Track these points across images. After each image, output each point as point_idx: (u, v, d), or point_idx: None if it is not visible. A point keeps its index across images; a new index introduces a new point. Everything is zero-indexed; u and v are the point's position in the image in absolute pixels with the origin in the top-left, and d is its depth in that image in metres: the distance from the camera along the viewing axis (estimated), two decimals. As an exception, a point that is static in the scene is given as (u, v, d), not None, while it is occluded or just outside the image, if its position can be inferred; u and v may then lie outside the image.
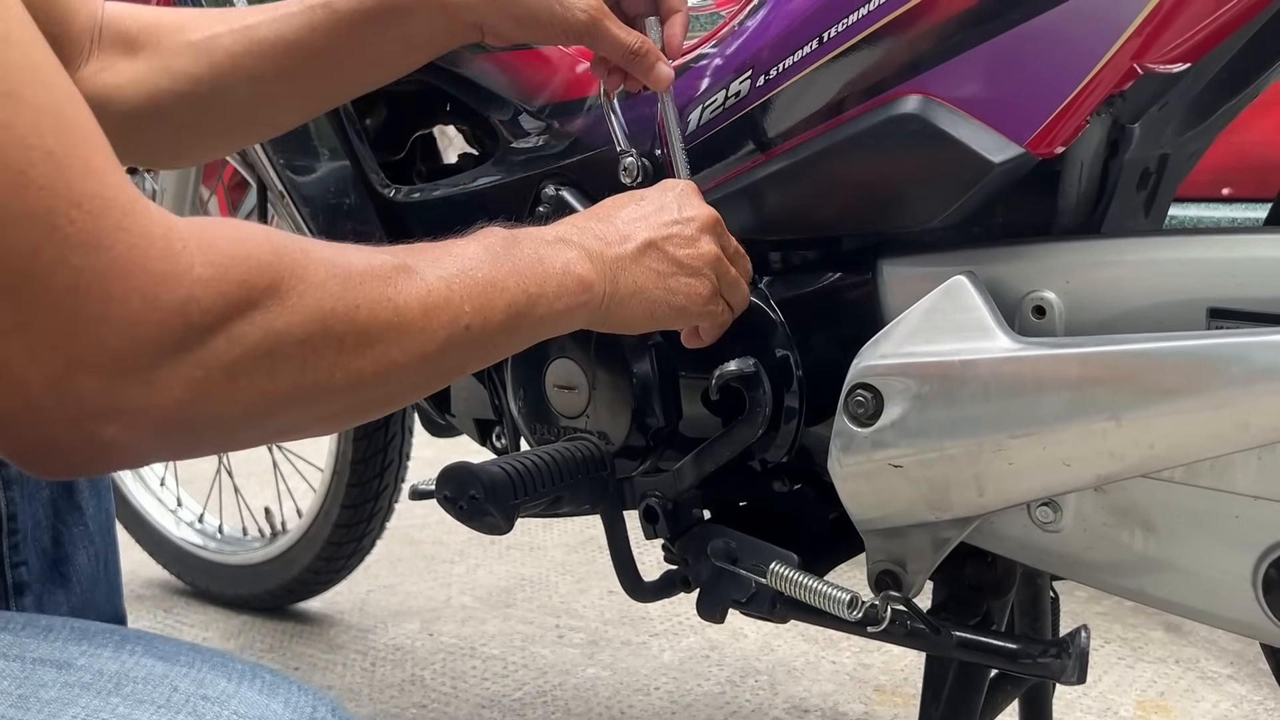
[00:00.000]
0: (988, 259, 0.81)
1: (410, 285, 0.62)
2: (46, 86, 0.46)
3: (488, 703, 1.50)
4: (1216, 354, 0.68)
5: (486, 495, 0.85)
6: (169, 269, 0.48)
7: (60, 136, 0.45)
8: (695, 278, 0.84)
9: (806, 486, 1.00)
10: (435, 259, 0.67)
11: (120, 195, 0.47)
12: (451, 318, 0.65)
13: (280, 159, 1.25)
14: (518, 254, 0.72)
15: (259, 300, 0.53)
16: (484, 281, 0.68)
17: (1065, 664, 0.82)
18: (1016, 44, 0.76)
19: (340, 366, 0.58)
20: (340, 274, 0.58)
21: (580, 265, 0.76)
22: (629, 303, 0.81)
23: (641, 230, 0.82)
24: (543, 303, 0.73)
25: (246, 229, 0.54)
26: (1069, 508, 0.80)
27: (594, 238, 0.79)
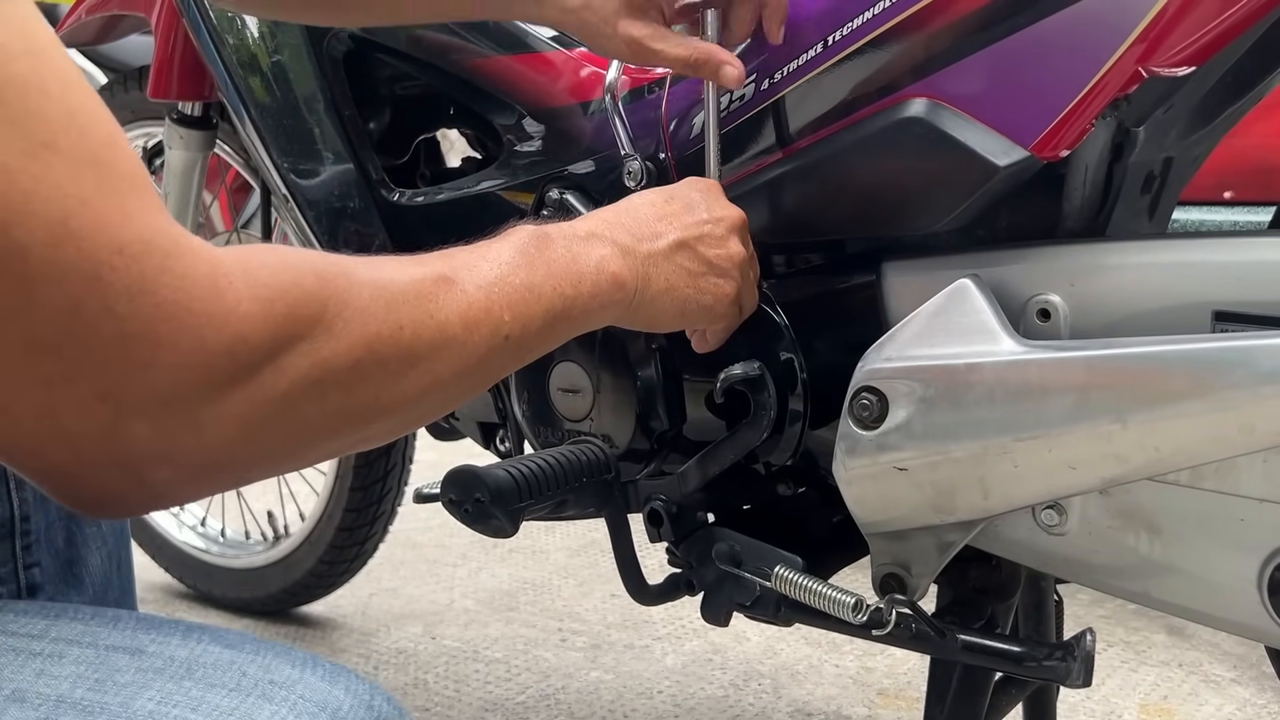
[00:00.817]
0: (992, 262, 0.81)
1: (451, 299, 0.62)
2: (83, 134, 0.45)
3: (490, 706, 1.50)
4: (1221, 357, 0.68)
5: (491, 498, 0.85)
6: (215, 308, 0.48)
7: (99, 184, 0.45)
8: (724, 278, 0.84)
9: (811, 490, 1.00)
10: (472, 266, 0.66)
11: (162, 237, 0.47)
12: (492, 329, 0.65)
13: (284, 163, 1.25)
14: (551, 254, 0.72)
15: (305, 331, 0.52)
16: (521, 287, 0.68)
17: (1070, 667, 0.82)
18: (1021, 48, 0.76)
19: (386, 388, 0.58)
20: (384, 295, 0.57)
21: (614, 262, 0.76)
22: (660, 300, 0.81)
23: (673, 229, 0.82)
24: (578, 303, 0.73)
25: (290, 256, 0.54)
26: (1074, 511, 0.80)
27: (626, 233, 0.79)
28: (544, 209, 1.04)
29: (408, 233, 1.22)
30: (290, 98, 1.24)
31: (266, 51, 1.25)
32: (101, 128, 0.46)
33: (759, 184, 0.91)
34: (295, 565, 1.71)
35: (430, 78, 1.21)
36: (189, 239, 0.48)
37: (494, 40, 1.11)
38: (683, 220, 0.82)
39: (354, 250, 1.24)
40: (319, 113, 1.24)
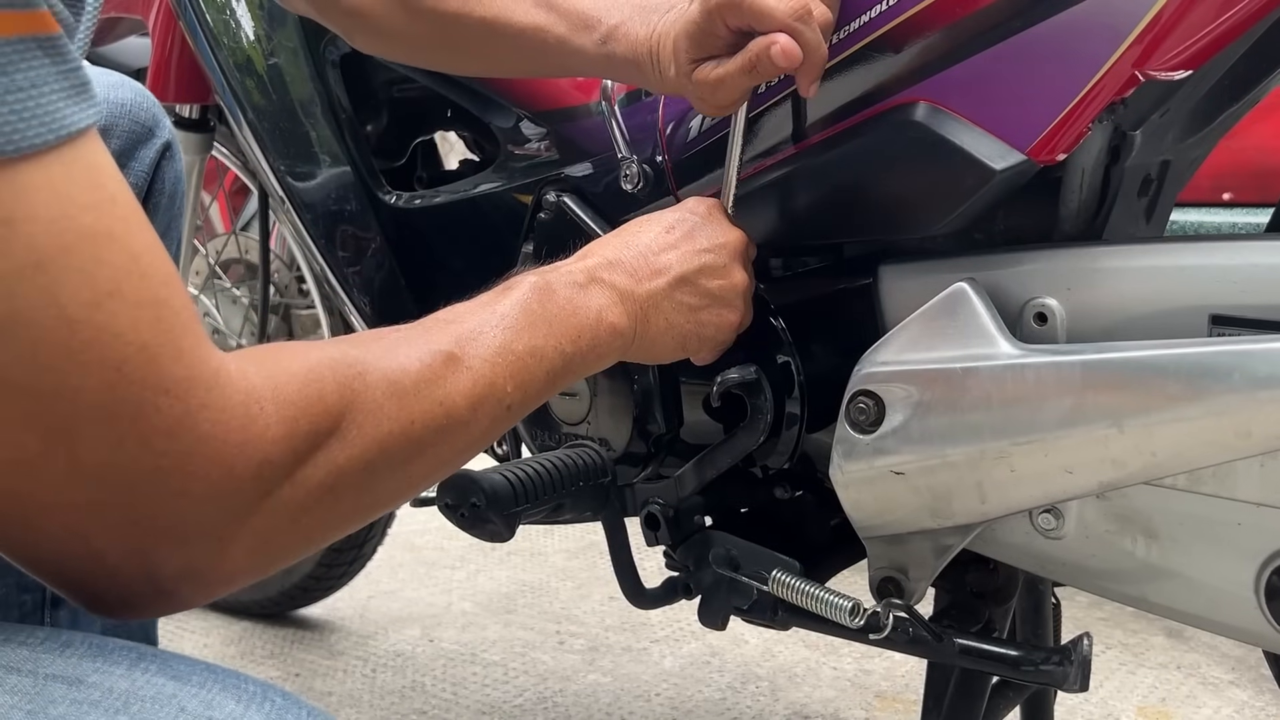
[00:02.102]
0: (989, 266, 0.81)
1: (458, 380, 0.63)
2: (145, 278, 0.46)
3: (488, 709, 1.50)
4: (1218, 361, 0.68)
5: (488, 502, 0.85)
6: (246, 437, 0.49)
7: (156, 327, 0.46)
8: (727, 308, 0.84)
9: (808, 493, 1.00)
10: (478, 335, 0.67)
11: (204, 371, 0.48)
12: (495, 402, 0.66)
13: (281, 165, 1.25)
14: (553, 307, 0.73)
15: (323, 443, 0.54)
16: (524, 353, 0.69)
17: (1068, 671, 0.82)
18: (1018, 51, 0.76)
19: (395, 479, 0.60)
20: (395, 391, 0.59)
21: (613, 311, 0.77)
22: (660, 339, 0.81)
23: (673, 263, 0.81)
24: (577, 358, 0.74)
25: (314, 366, 0.55)
26: (1071, 515, 0.80)
27: (625, 275, 0.79)
28: (541, 212, 1.04)
29: (405, 235, 1.22)
30: (287, 100, 1.24)
31: (263, 54, 1.24)
32: (162, 268, 0.47)
33: (757, 187, 0.91)
34: (294, 569, 1.71)
35: (427, 80, 1.21)
36: (227, 368, 0.50)
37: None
38: (684, 250, 0.82)
39: (352, 253, 1.24)
40: (316, 115, 1.24)
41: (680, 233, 0.83)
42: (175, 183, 1.00)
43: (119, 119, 0.93)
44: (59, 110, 0.44)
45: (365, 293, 1.24)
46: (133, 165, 0.94)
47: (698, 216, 0.85)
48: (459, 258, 1.23)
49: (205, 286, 1.69)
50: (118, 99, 0.94)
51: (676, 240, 0.83)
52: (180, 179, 1.01)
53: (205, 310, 1.68)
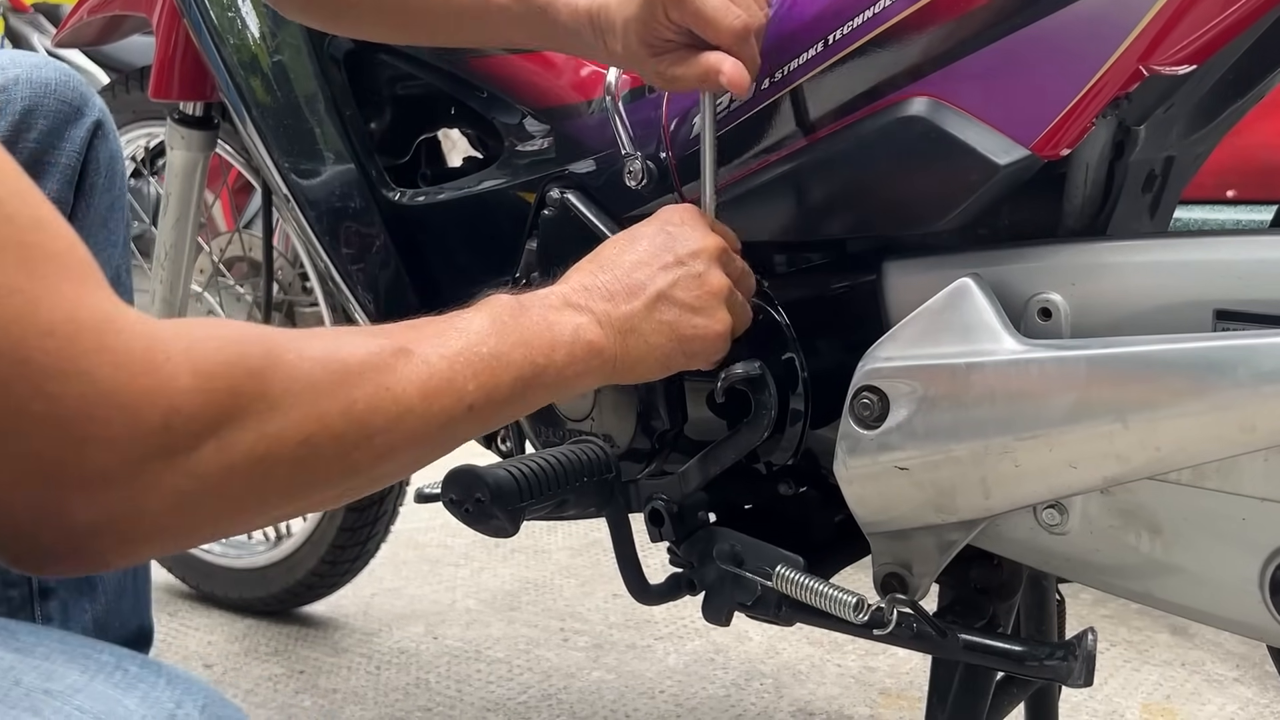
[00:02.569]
0: (993, 261, 0.81)
1: (410, 370, 0.62)
2: (10, 221, 0.45)
3: (492, 706, 1.50)
4: (1223, 356, 0.68)
5: (492, 498, 0.85)
6: (151, 384, 0.48)
7: (27, 269, 0.45)
8: (708, 318, 0.82)
9: (812, 489, 1.00)
10: (438, 335, 0.67)
11: (95, 315, 0.47)
12: (454, 399, 0.65)
13: (285, 163, 1.25)
14: (525, 322, 0.72)
15: (249, 405, 0.52)
16: (489, 356, 0.68)
17: (1072, 666, 0.82)
18: (1022, 46, 0.76)
19: (337, 460, 0.58)
20: (336, 369, 0.58)
21: (590, 331, 0.76)
22: (643, 360, 0.80)
23: (648, 280, 0.80)
24: (551, 371, 0.73)
25: (238, 331, 0.54)
26: (1075, 510, 0.80)
27: (602, 298, 0.79)
28: (545, 208, 1.04)
29: (409, 232, 1.22)
30: (291, 98, 1.24)
31: (267, 52, 1.25)
32: (28, 211, 0.47)
33: (760, 183, 0.91)
34: (297, 565, 1.71)
35: (431, 77, 1.21)
36: (125, 315, 0.49)
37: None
38: (659, 263, 0.81)
39: (355, 250, 1.24)
40: (320, 113, 1.24)
41: (654, 246, 0.82)
42: (112, 162, 0.98)
43: (44, 99, 0.92)
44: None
45: (369, 290, 1.24)
46: (63, 145, 0.93)
47: (671, 226, 0.84)
48: (463, 255, 1.23)
49: (209, 284, 1.69)
50: (41, 79, 0.93)
51: (649, 255, 0.82)
52: (117, 158, 0.99)
53: (209, 308, 1.68)
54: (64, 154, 0.93)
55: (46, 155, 0.92)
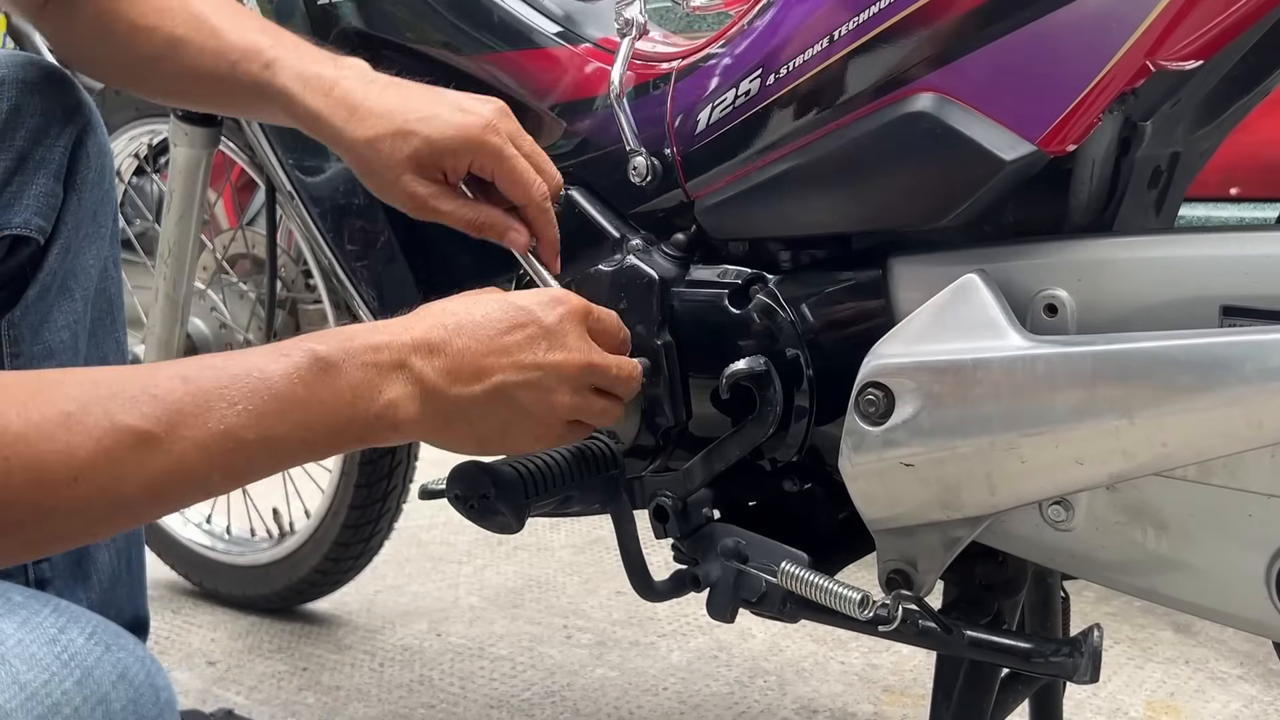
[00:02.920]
0: (999, 257, 0.81)
1: (143, 467, 0.57)
2: None
3: (496, 703, 1.50)
4: (1229, 352, 0.68)
5: (497, 494, 0.85)
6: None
7: None
8: (543, 427, 0.79)
9: (817, 486, 0.99)
10: (207, 409, 0.61)
11: None
12: (188, 488, 0.61)
13: (289, 159, 1.25)
14: (325, 394, 0.67)
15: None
16: (255, 442, 0.62)
17: (1077, 663, 0.82)
18: (1028, 42, 0.76)
19: (13, 551, 0.54)
20: (41, 480, 0.53)
21: (406, 407, 0.71)
22: (455, 439, 0.77)
23: (497, 370, 0.76)
24: (327, 448, 0.69)
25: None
26: (1081, 506, 0.80)
27: (441, 370, 0.74)
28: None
29: (412, 229, 1.22)
30: (295, 94, 1.23)
31: (271, 48, 1.24)
32: None
33: (765, 179, 0.91)
34: (301, 562, 1.71)
35: (436, 74, 1.21)
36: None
37: (499, 36, 1.11)
38: (511, 361, 0.76)
39: (359, 246, 1.24)
40: (324, 109, 1.24)
41: (523, 339, 0.78)
42: (101, 157, 0.99)
43: (30, 96, 0.93)
44: None
45: (373, 286, 1.24)
46: (51, 142, 0.94)
47: (548, 319, 0.79)
48: (466, 251, 1.23)
49: (213, 281, 1.69)
50: (28, 77, 0.94)
51: (514, 345, 0.77)
52: (105, 153, 1.00)
53: (213, 305, 1.68)
54: (53, 150, 0.93)
55: (35, 152, 0.92)
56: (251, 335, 1.66)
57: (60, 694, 0.42)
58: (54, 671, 0.42)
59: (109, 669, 0.44)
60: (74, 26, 0.95)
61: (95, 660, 0.44)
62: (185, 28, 0.94)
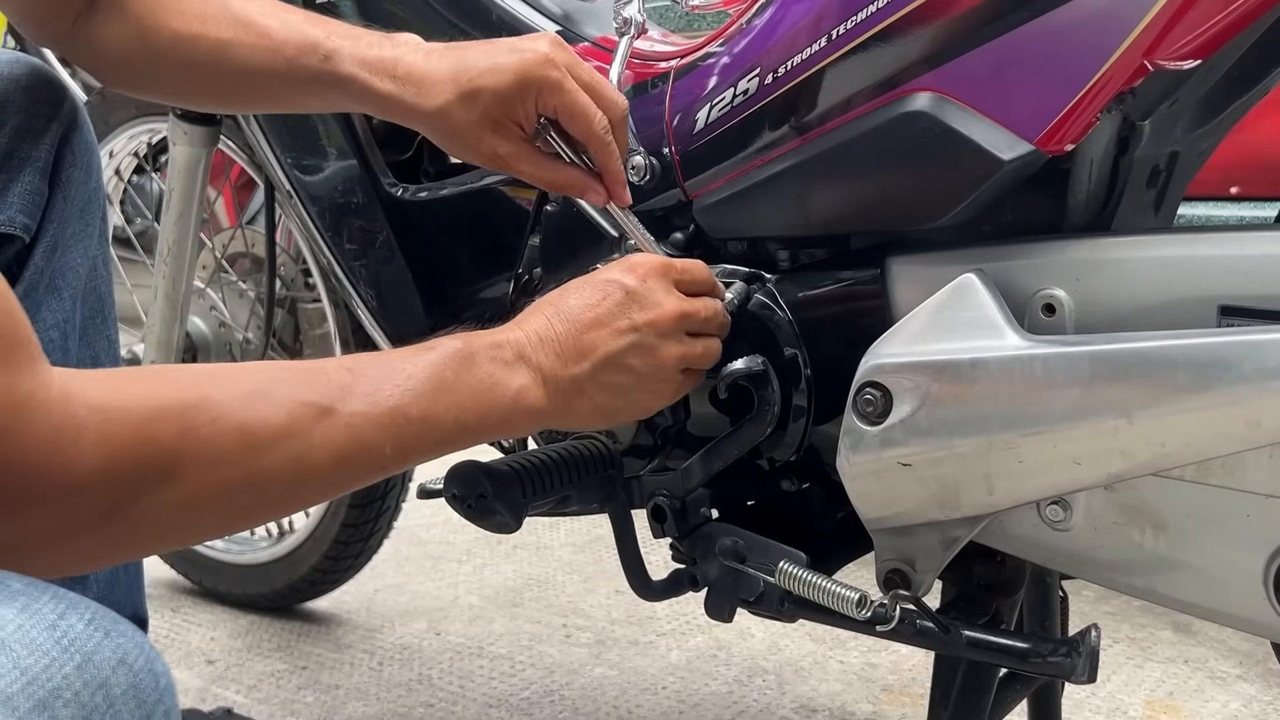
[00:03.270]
0: (997, 257, 0.81)
1: (328, 435, 0.63)
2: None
3: (495, 702, 1.50)
4: (1228, 352, 0.68)
5: (495, 493, 0.85)
6: (53, 465, 0.50)
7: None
8: (654, 385, 0.84)
9: (815, 485, 0.99)
10: (371, 392, 0.66)
11: (12, 399, 0.49)
12: (366, 461, 0.66)
13: (288, 158, 1.25)
14: (468, 380, 0.72)
15: (149, 484, 0.54)
16: (417, 419, 0.68)
17: (1075, 663, 0.82)
18: (1026, 41, 0.76)
19: (230, 520, 0.61)
20: (247, 440, 0.58)
21: (532, 393, 0.77)
22: (582, 416, 0.82)
23: (600, 343, 0.80)
24: (479, 432, 0.74)
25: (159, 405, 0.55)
26: (1079, 506, 0.80)
27: (552, 355, 0.79)
28: (548, 204, 1.04)
29: (411, 228, 1.22)
30: (294, 93, 1.23)
31: (270, 47, 1.24)
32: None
33: (763, 179, 0.91)
34: (300, 561, 1.71)
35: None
36: (45, 394, 0.50)
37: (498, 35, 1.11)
38: (613, 326, 0.81)
39: (358, 246, 1.24)
40: (322, 108, 1.24)
41: (612, 307, 0.82)
42: (87, 154, 0.99)
43: (15, 94, 0.93)
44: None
45: (372, 285, 1.24)
46: (37, 139, 0.93)
47: (633, 283, 0.83)
48: (465, 251, 1.23)
49: (212, 280, 1.69)
50: (12, 74, 0.93)
51: (606, 316, 0.81)
52: (92, 150, 1.00)
53: (212, 304, 1.68)
54: (38, 148, 0.93)
55: (20, 149, 0.92)
56: (250, 334, 1.66)
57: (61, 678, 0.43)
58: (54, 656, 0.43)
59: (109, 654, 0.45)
60: (110, 49, 0.94)
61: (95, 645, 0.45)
62: (232, 31, 0.94)
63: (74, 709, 0.43)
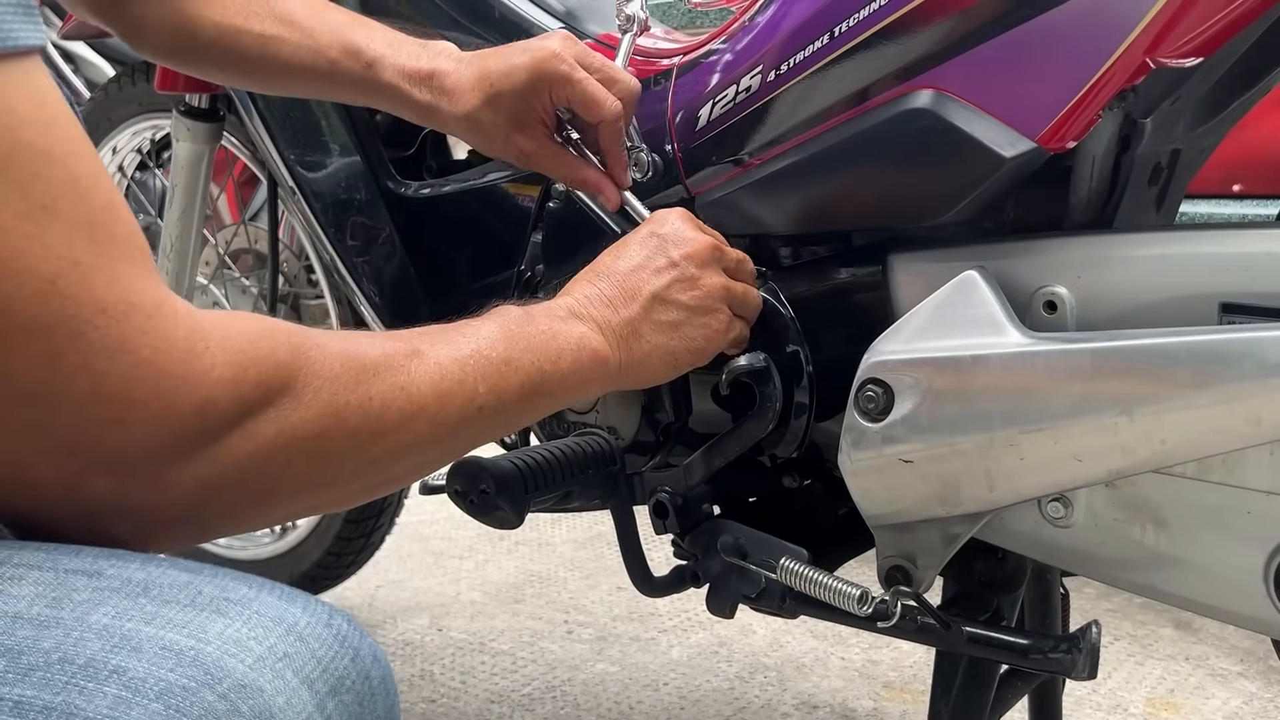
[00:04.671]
0: (999, 254, 0.81)
1: (423, 370, 0.64)
2: (82, 198, 0.47)
3: (496, 698, 1.50)
4: (1228, 349, 0.68)
5: (497, 489, 0.85)
6: (189, 370, 0.50)
7: (91, 246, 0.47)
8: (709, 315, 0.85)
9: (817, 482, 1.00)
10: (449, 340, 0.69)
11: (146, 299, 0.49)
12: (466, 399, 0.67)
13: (291, 155, 1.25)
14: (532, 331, 0.75)
15: (274, 398, 0.55)
16: (498, 360, 0.70)
17: (1076, 659, 0.82)
18: (1029, 38, 0.76)
19: (353, 455, 0.60)
20: (354, 366, 0.60)
21: (594, 339, 0.79)
22: (647, 362, 0.83)
23: (643, 283, 0.83)
24: (555, 378, 0.75)
25: (268, 326, 0.56)
26: (1080, 503, 0.80)
27: (602, 305, 0.81)
28: (550, 200, 1.04)
29: (414, 224, 1.22)
30: (297, 90, 1.24)
31: (273, 43, 1.24)
32: (101, 194, 0.48)
33: (765, 175, 0.91)
34: (302, 557, 1.71)
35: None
36: (174, 303, 0.50)
37: (501, 31, 1.11)
38: (652, 267, 0.84)
39: (361, 242, 1.24)
40: (325, 105, 1.24)
41: (647, 251, 0.85)
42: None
43: None
44: (8, 24, 0.45)
45: (374, 282, 1.25)
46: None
47: (662, 230, 0.86)
48: (468, 247, 1.23)
49: (215, 276, 1.69)
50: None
51: (643, 260, 0.85)
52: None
53: (215, 300, 1.68)
54: None
55: None
56: (253, 330, 1.65)
57: (342, 669, 0.49)
58: (336, 650, 0.49)
59: (367, 651, 0.51)
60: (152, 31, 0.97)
61: (358, 642, 0.50)
62: (275, 28, 0.97)
63: (352, 696, 0.49)
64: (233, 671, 0.44)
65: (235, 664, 0.44)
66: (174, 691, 0.42)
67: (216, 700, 0.43)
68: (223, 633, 0.45)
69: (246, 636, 0.46)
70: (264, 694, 0.44)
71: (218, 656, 0.44)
